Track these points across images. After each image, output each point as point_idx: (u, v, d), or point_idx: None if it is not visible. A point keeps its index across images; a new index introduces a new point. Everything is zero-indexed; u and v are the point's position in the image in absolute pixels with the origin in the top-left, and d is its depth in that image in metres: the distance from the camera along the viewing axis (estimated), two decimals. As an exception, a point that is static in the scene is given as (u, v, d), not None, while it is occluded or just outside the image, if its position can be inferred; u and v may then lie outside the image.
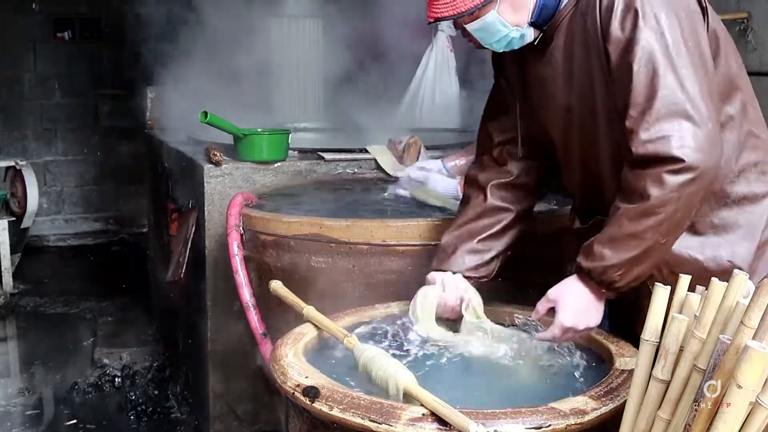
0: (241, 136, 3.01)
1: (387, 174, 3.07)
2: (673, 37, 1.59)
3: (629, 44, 1.60)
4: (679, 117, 1.55)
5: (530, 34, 1.77)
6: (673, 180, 1.55)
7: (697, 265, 1.72)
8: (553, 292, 1.73)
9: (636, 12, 1.60)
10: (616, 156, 1.71)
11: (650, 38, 1.59)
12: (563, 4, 1.75)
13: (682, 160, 1.54)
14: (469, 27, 1.75)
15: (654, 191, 1.56)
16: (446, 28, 4.13)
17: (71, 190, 6.86)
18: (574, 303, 1.70)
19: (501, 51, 1.82)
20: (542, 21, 1.76)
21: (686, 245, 1.72)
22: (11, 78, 6.50)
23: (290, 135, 3.13)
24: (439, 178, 2.72)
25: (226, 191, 2.88)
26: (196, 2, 3.91)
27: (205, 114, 2.88)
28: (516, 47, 1.80)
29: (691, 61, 1.59)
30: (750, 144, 1.77)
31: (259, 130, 3.07)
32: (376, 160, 3.13)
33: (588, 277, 1.67)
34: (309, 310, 1.88)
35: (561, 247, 2.12)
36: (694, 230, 1.73)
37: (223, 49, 3.75)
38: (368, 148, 3.20)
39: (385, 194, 2.80)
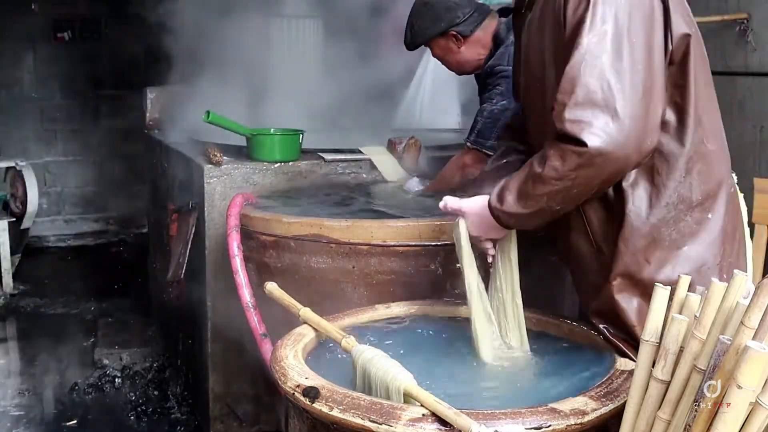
0: (249, 136, 2.99)
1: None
2: (618, 28, 1.64)
3: (576, 28, 1.67)
4: (597, 107, 1.62)
5: None
6: (573, 160, 1.64)
7: None
8: (465, 205, 1.89)
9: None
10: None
11: (595, 26, 1.65)
12: None
13: (585, 145, 1.61)
14: None
15: (555, 163, 1.66)
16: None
17: (71, 191, 6.85)
18: (479, 221, 1.87)
19: None
20: None
21: None
22: (11, 78, 6.50)
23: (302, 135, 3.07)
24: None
25: (226, 191, 2.88)
26: (195, 2, 3.90)
27: (208, 113, 2.86)
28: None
29: (631, 54, 1.64)
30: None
31: (271, 130, 3.05)
32: (371, 161, 3.12)
33: (491, 210, 1.82)
34: (305, 312, 1.87)
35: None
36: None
37: (222, 49, 3.74)
38: (363, 149, 3.16)
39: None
